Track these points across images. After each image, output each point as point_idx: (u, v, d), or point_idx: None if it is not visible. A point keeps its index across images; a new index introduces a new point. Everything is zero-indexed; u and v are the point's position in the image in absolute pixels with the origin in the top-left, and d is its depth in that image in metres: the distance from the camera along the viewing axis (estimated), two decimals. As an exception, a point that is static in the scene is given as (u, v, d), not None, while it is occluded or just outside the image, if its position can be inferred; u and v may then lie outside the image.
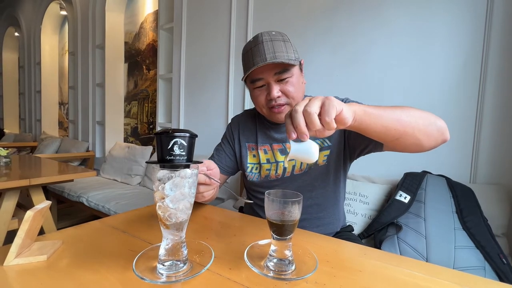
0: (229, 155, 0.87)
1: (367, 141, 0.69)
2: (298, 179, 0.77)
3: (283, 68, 0.67)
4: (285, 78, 0.69)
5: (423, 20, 1.30)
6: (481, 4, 1.18)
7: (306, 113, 0.44)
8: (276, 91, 0.69)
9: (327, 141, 0.76)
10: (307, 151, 0.47)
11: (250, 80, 0.72)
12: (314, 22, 1.61)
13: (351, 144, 0.74)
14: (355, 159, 0.78)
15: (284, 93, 0.70)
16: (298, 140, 0.47)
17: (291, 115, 0.45)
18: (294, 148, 0.48)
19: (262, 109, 0.75)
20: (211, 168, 0.55)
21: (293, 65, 0.68)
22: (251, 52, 0.70)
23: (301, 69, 0.74)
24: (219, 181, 0.57)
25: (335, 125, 0.44)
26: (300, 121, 0.44)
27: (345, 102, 0.47)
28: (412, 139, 0.54)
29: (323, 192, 0.77)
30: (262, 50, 0.67)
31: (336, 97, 0.49)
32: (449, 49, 1.25)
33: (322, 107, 0.44)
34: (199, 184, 0.54)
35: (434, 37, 1.28)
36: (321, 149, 0.76)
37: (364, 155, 0.75)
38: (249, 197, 0.89)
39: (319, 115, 0.44)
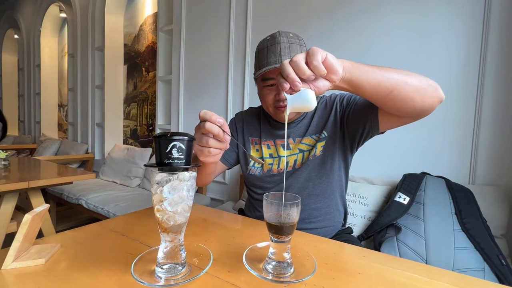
0: (232, 145, 0.87)
1: (363, 121, 0.69)
2: (298, 172, 0.78)
3: None
4: None
5: (422, 21, 1.31)
6: (479, 5, 1.19)
7: (292, 63, 0.45)
8: None
9: (324, 132, 0.77)
10: (304, 99, 0.47)
11: (261, 78, 0.73)
12: (313, 23, 1.61)
13: (350, 131, 0.75)
14: (356, 149, 0.79)
15: None
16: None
17: (280, 69, 0.47)
18: (290, 99, 0.47)
19: (269, 108, 0.76)
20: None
21: None
22: (267, 51, 0.70)
23: None
24: (230, 136, 0.53)
25: (324, 70, 0.45)
26: (289, 70, 0.45)
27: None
28: (406, 91, 0.53)
29: (319, 182, 0.78)
30: (278, 50, 0.68)
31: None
32: (447, 51, 1.26)
33: (307, 54, 0.45)
34: (209, 137, 0.50)
35: (432, 39, 1.29)
36: (318, 140, 0.77)
37: (364, 141, 0.75)
38: (250, 194, 0.90)
39: (307, 63, 0.45)
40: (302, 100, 0.47)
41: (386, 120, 0.65)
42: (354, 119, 0.72)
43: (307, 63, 0.45)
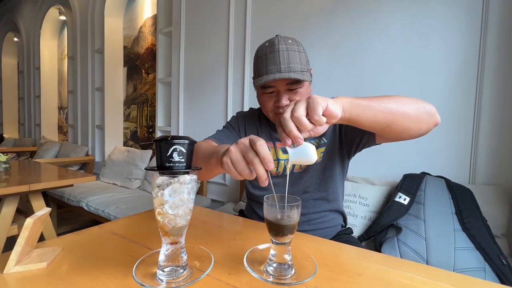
0: (234, 137, 0.85)
1: (361, 134, 0.71)
2: (298, 177, 0.79)
3: (295, 80, 0.69)
4: (295, 88, 0.71)
5: (420, 22, 1.31)
6: (477, 6, 1.19)
7: (294, 118, 0.45)
8: (285, 99, 0.71)
9: (323, 139, 0.78)
10: (305, 154, 0.48)
11: (261, 85, 0.73)
12: (312, 24, 1.61)
13: (347, 140, 0.76)
14: (353, 155, 0.80)
15: (292, 102, 0.71)
16: (294, 145, 0.48)
17: (281, 124, 0.47)
18: (292, 153, 0.48)
19: (269, 113, 0.77)
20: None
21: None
22: (266, 58, 0.70)
23: (310, 80, 0.75)
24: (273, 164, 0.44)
25: (324, 120, 0.46)
26: (292, 127, 0.45)
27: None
28: (403, 124, 0.55)
29: (319, 187, 0.79)
30: (277, 59, 0.68)
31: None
32: (446, 51, 1.26)
33: (308, 107, 0.45)
34: (255, 156, 0.42)
35: (431, 40, 1.29)
36: (317, 147, 0.78)
37: (360, 150, 0.77)
38: (249, 196, 0.90)
39: (307, 115, 0.45)
40: (304, 155, 0.48)
41: (382, 138, 0.68)
42: (352, 130, 0.73)
43: (307, 115, 0.45)
